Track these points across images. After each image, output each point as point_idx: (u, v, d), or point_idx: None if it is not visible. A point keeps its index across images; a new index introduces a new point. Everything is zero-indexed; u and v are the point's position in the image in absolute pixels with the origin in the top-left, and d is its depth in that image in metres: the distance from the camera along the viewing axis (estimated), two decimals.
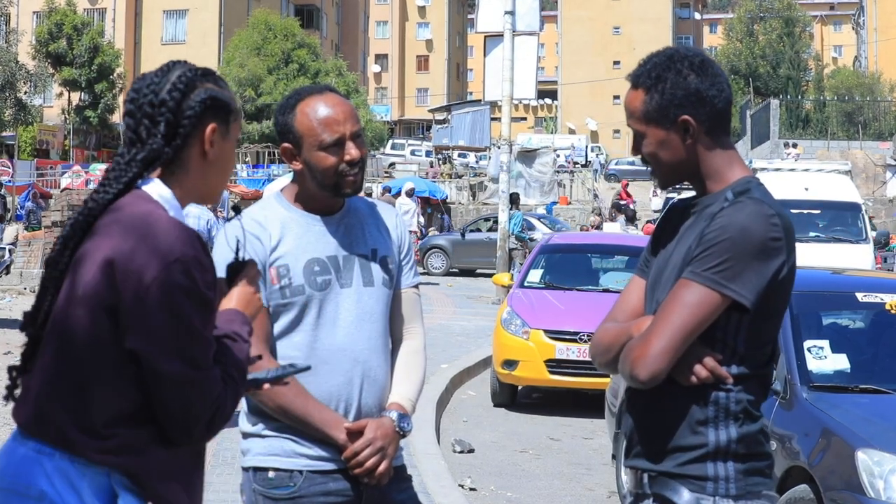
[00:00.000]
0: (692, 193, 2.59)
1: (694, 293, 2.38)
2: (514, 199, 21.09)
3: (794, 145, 36.90)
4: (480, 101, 42.20)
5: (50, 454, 2.14)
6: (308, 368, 2.54)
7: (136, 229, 2.12)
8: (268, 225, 2.90)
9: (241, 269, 2.43)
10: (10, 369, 2.24)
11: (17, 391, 2.24)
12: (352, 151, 2.86)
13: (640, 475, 2.54)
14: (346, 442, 2.82)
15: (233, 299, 2.37)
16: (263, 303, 2.61)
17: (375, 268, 2.95)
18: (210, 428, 2.19)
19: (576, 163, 52.64)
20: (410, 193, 23.88)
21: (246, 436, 2.92)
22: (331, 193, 2.91)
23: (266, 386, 2.51)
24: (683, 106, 2.47)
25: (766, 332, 2.48)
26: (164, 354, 2.10)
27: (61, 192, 28.33)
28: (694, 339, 2.40)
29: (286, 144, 2.90)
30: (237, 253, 2.49)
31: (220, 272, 2.31)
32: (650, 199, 36.49)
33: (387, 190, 26.61)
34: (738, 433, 2.44)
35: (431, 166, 48.64)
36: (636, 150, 2.58)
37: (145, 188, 2.24)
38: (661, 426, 2.48)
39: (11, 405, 2.26)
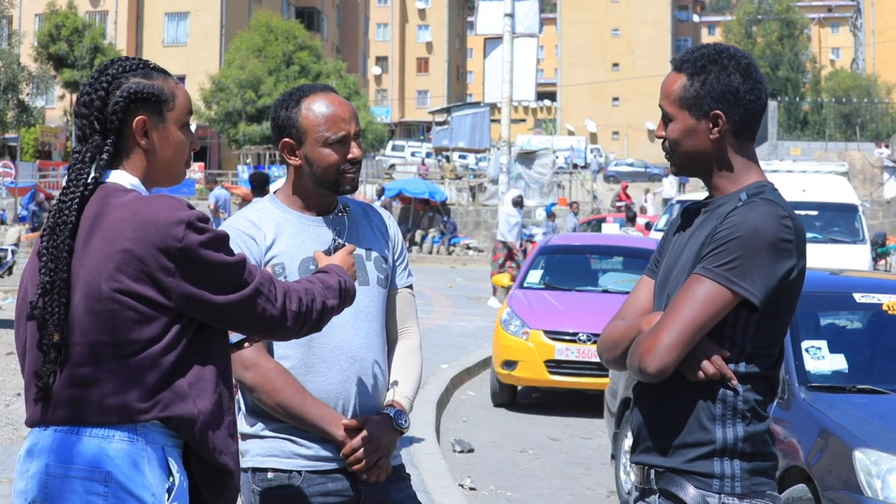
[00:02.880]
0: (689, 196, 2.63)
1: (704, 289, 2.41)
2: (516, 202, 21.04)
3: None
4: (480, 102, 42.21)
5: (108, 436, 2.29)
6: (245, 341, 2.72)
7: (135, 215, 2.29)
8: (262, 225, 2.92)
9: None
10: (41, 374, 2.32)
11: (52, 393, 2.32)
12: (355, 150, 2.91)
13: (647, 471, 2.56)
14: (345, 438, 2.83)
15: (336, 258, 2.72)
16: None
17: (370, 267, 2.98)
18: (298, 319, 2.45)
19: (575, 165, 52.48)
20: (518, 203, 19.02)
21: (244, 437, 2.93)
22: (329, 190, 2.93)
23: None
24: (719, 101, 2.51)
25: (774, 333, 2.50)
26: (215, 295, 2.32)
27: None
28: (703, 335, 2.43)
29: (287, 139, 2.92)
30: (335, 241, 2.89)
31: None
32: (644, 202, 36.46)
33: (381, 191, 26.27)
34: (745, 432, 2.47)
35: (423, 164, 48.71)
36: (662, 130, 2.61)
37: (115, 180, 2.39)
38: (669, 422, 2.51)
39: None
